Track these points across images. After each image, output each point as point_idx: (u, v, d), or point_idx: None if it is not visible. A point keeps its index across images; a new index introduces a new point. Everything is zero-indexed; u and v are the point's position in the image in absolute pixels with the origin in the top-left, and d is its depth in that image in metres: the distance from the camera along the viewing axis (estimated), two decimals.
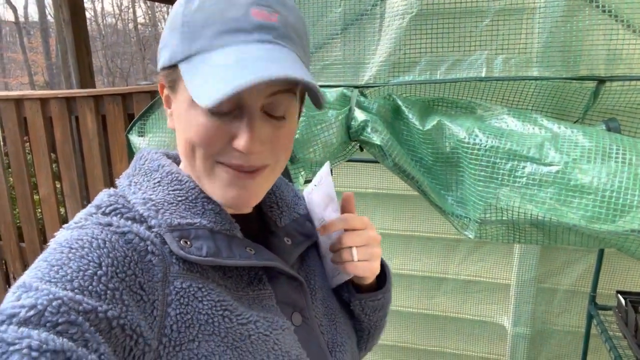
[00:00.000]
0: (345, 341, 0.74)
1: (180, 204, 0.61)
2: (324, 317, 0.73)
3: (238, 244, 0.62)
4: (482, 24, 1.03)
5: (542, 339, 2.20)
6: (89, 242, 0.52)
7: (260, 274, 0.65)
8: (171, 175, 0.63)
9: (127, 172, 0.67)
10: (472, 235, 1.06)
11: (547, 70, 1.01)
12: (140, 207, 0.59)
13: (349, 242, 0.72)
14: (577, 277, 2.03)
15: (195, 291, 0.57)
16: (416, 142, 1.09)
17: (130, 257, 0.54)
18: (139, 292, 0.53)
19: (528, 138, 0.98)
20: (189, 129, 0.58)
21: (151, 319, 0.52)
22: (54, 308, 0.44)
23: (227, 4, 0.54)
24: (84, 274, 0.49)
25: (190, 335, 0.54)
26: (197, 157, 0.59)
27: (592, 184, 0.89)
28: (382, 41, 1.07)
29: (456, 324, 2.29)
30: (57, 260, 0.50)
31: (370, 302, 0.80)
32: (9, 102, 2.84)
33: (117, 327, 0.48)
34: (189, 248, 0.57)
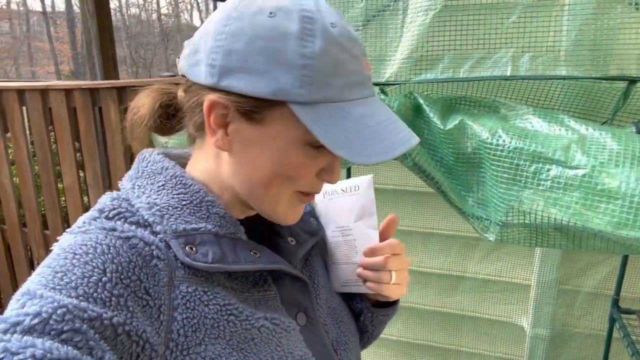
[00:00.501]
0: (349, 340, 0.75)
1: (185, 208, 0.60)
2: (328, 317, 0.73)
3: (243, 247, 0.62)
4: (509, 21, 1.00)
5: (562, 341, 2.16)
6: (93, 247, 0.52)
7: (265, 275, 0.65)
8: (175, 179, 0.63)
9: (130, 175, 0.66)
10: (493, 238, 1.04)
11: (576, 69, 0.98)
12: (145, 212, 0.59)
13: (392, 266, 0.74)
14: (600, 280, 1.99)
15: (201, 295, 0.57)
16: (437, 141, 1.07)
17: (135, 263, 0.54)
18: (144, 297, 0.53)
19: (554, 139, 0.95)
20: (286, 164, 0.58)
21: (158, 323, 0.53)
22: (58, 316, 0.44)
23: (347, 55, 0.56)
24: (89, 281, 0.49)
25: (197, 339, 0.55)
26: (277, 186, 0.60)
27: (620, 189, 0.86)
28: (404, 37, 1.05)
29: (473, 323, 2.27)
30: (61, 266, 0.50)
31: (381, 316, 0.84)
32: (35, 92, 2.89)
33: (122, 334, 0.48)
34: (194, 254, 0.57)
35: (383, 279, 0.74)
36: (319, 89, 0.54)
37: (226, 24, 0.56)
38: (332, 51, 0.54)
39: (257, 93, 0.54)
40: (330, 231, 0.82)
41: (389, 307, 0.85)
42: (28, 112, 2.99)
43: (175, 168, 0.64)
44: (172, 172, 0.63)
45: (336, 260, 0.82)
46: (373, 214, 0.76)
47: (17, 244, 3.26)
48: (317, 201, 0.83)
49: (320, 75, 0.54)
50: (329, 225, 0.82)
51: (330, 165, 0.62)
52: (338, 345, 0.72)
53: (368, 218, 0.77)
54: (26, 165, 3.08)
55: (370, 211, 0.77)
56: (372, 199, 0.76)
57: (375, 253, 0.75)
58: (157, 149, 0.69)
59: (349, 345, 0.74)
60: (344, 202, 0.79)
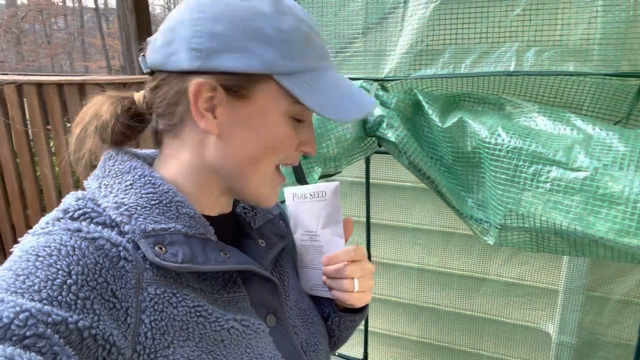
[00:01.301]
0: (318, 341, 0.74)
1: (154, 207, 0.59)
2: (297, 318, 0.73)
3: (213, 248, 0.61)
4: (513, 13, 0.94)
5: (590, 349, 2.05)
6: (57, 249, 0.50)
7: (235, 276, 0.65)
8: (144, 178, 0.61)
9: (96, 174, 0.64)
10: (492, 241, 1.00)
11: (585, 65, 0.92)
12: (112, 212, 0.57)
13: (352, 273, 0.74)
14: (631, 287, 1.88)
15: (169, 297, 0.56)
16: (436, 139, 1.03)
17: (101, 264, 0.52)
18: (111, 299, 0.51)
19: (556, 139, 0.90)
20: (275, 137, 0.62)
21: (125, 326, 0.51)
22: (20, 321, 0.42)
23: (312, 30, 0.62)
24: (53, 284, 0.47)
25: (165, 342, 0.54)
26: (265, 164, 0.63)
27: (623, 194, 0.80)
28: (404, 32, 1.02)
29: (496, 327, 2.19)
30: (23, 269, 0.48)
31: (348, 321, 0.84)
32: (73, 86, 3.02)
33: (88, 338, 0.47)
34: (164, 254, 0.56)
35: (345, 287, 0.74)
36: (299, 60, 0.59)
37: (203, 10, 0.58)
38: (301, 27, 0.59)
39: (245, 69, 0.58)
40: (300, 234, 0.82)
41: (357, 313, 0.84)
42: (67, 105, 3.12)
43: (143, 167, 0.63)
44: (140, 171, 0.62)
45: (304, 264, 0.82)
46: (339, 222, 0.76)
47: None
48: (287, 203, 0.83)
49: (298, 48, 0.59)
50: (298, 229, 0.82)
51: (308, 137, 0.66)
52: (307, 347, 0.72)
53: (334, 226, 0.77)
54: (65, 156, 3.23)
55: (336, 219, 0.76)
56: (338, 206, 0.76)
57: (332, 261, 0.75)
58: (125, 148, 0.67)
59: (319, 347, 0.74)
60: (312, 207, 0.79)
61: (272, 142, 0.62)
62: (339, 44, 1.10)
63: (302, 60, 0.60)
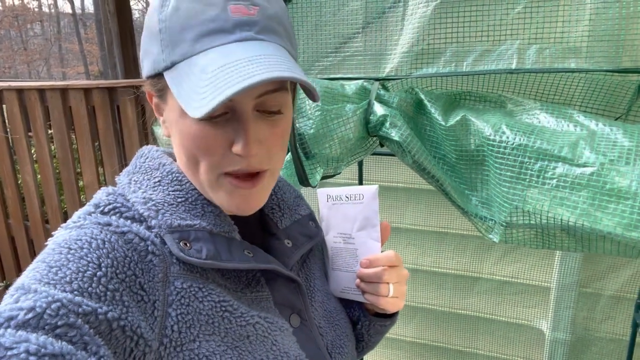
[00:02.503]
0: (344, 343, 0.73)
1: (180, 205, 0.60)
2: (323, 319, 0.72)
3: (237, 247, 0.61)
4: (514, 11, 0.95)
5: (583, 346, 2.08)
6: (88, 242, 0.52)
7: (258, 276, 0.65)
8: (171, 175, 0.62)
9: (127, 170, 0.66)
10: (497, 239, 0.99)
11: (586, 61, 0.92)
12: (140, 207, 0.59)
13: (389, 278, 0.73)
14: (623, 283, 1.90)
15: (196, 291, 0.56)
16: (439, 138, 1.03)
17: (130, 257, 0.53)
18: (139, 292, 0.52)
19: (561, 136, 0.90)
20: (185, 138, 0.57)
21: (152, 319, 0.52)
22: (52, 310, 0.44)
23: (203, 3, 0.53)
24: (83, 275, 0.48)
25: (191, 336, 0.54)
26: (202, 169, 0.58)
27: (631, 188, 0.81)
28: (405, 30, 1.01)
29: (490, 326, 2.21)
30: (55, 261, 0.49)
31: (378, 325, 0.82)
32: (55, 91, 2.95)
33: (117, 329, 0.48)
34: (188, 250, 0.57)
35: (380, 291, 0.73)
36: (174, 49, 0.53)
37: None
38: (182, 6, 0.53)
39: (147, 73, 0.58)
40: (332, 236, 0.81)
41: (387, 318, 0.83)
42: (49, 111, 3.05)
43: (172, 165, 0.64)
44: (169, 168, 0.63)
45: (336, 266, 0.81)
46: (376, 226, 0.75)
47: (40, 239, 3.35)
48: (321, 205, 0.82)
49: (173, 34, 0.53)
50: (331, 230, 0.81)
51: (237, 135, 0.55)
52: (333, 349, 0.71)
53: (371, 229, 0.76)
54: (47, 163, 3.15)
55: (373, 222, 0.75)
56: (375, 210, 0.75)
57: (372, 264, 0.74)
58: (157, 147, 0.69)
59: (344, 349, 0.73)
60: (348, 210, 0.78)
61: (186, 142, 0.57)
62: (338, 43, 1.09)
63: (178, 47, 0.53)
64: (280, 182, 0.78)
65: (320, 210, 0.83)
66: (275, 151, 0.60)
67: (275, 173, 0.64)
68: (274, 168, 0.62)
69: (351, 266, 0.79)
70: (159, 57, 0.55)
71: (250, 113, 0.56)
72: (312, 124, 1.01)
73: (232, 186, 0.59)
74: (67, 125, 3.03)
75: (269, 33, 0.55)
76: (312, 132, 0.99)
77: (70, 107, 2.99)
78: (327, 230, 0.82)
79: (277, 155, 0.61)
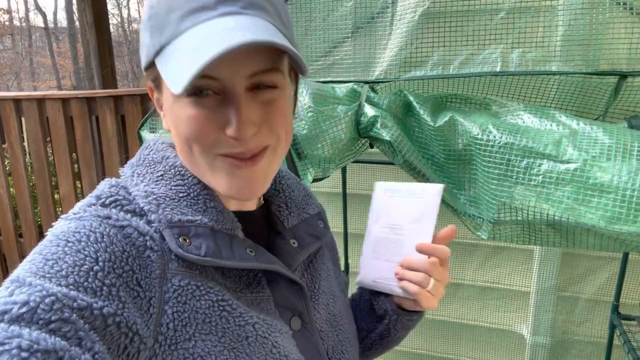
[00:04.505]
0: (346, 349, 0.71)
1: (182, 200, 0.59)
2: (326, 323, 0.70)
3: (239, 244, 0.60)
4: (497, 17, 0.99)
5: (563, 349, 2.12)
6: (87, 235, 0.51)
7: (260, 276, 0.63)
8: (174, 169, 0.61)
9: (132, 162, 0.65)
10: (486, 235, 1.02)
11: (566, 65, 0.97)
12: (141, 200, 0.58)
13: (434, 272, 0.72)
14: (599, 286, 1.96)
15: (193, 289, 0.55)
16: (428, 139, 1.06)
17: (128, 252, 0.52)
18: (135, 288, 0.51)
19: (545, 135, 0.94)
20: (179, 123, 0.56)
21: (147, 316, 0.51)
22: (46, 305, 0.43)
23: None
24: (80, 270, 0.48)
25: (186, 334, 0.53)
26: (195, 152, 0.57)
27: (612, 183, 0.85)
28: (393, 35, 1.05)
29: (472, 332, 2.23)
30: (52, 254, 0.48)
31: (406, 319, 0.80)
32: (32, 101, 2.90)
33: (112, 325, 0.47)
34: (187, 246, 0.55)
35: (422, 281, 0.72)
36: (161, 33, 0.53)
37: None
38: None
39: (143, 65, 0.58)
40: (379, 226, 0.81)
41: (414, 313, 0.81)
42: (25, 121, 2.99)
43: (175, 158, 0.62)
44: (172, 161, 0.62)
45: (377, 254, 0.81)
46: (432, 221, 0.76)
47: (13, 254, 3.24)
48: (376, 196, 0.83)
49: (159, 19, 0.53)
50: (379, 220, 0.82)
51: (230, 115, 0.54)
52: (333, 354, 0.69)
53: (426, 223, 0.76)
54: (22, 175, 3.08)
55: (429, 217, 0.76)
56: (436, 207, 0.76)
57: (425, 251, 0.74)
58: (163, 139, 0.68)
59: (345, 355, 0.70)
60: (404, 202, 0.79)
61: (180, 128, 0.56)
62: (328, 47, 1.11)
63: (165, 30, 0.53)
64: (290, 179, 0.76)
65: (373, 200, 0.84)
66: (276, 127, 0.57)
67: (278, 150, 0.60)
68: (275, 143, 0.59)
69: (393, 256, 0.78)
70: (150, 45, 0.55)
71: (242, 94, 0.54)
72: (304, 124, 1.02)
73: (230, 166, 0.56)
74: (43, 136, 2.97)
75: (255, 9, 0.53)
76: (305, 132, 1.00)
77: (47, 117, 2.94)
78: (375, 220, 0.83)
79: (279, 131, 0.58)
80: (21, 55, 20.57)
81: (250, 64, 0.53)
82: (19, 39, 20.81)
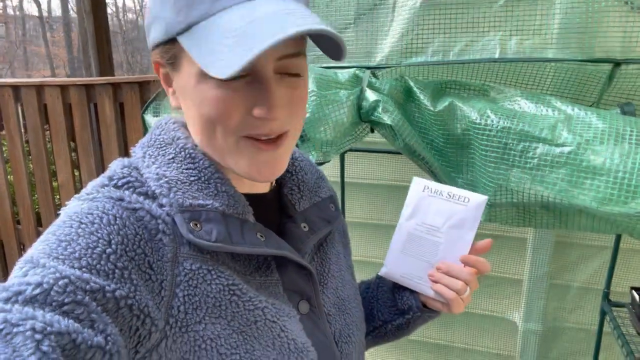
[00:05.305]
0: (353, 332, 0.72)
1: (193, 183, 0.59)
2: (333, 307, 0.71)
3: (249, 229, 0.60)
4: (496, 5, 1.02)
5: (554, 335, 2.17)
6: (99, 217, 0.51)
7: (269, 260, 0.63)
8: (185, 152, 0.60)
9: (143, 142, 0.64)
10: (482, 218, 1.05)
11: (562, 52, 1.00)
12: (153, 183, 0.57)
13: (472, 281, 0.75)
14: (591, 274, 2.00)
15: (204, 273, 0.55)
16: (427, 123, 1.08)
17: (140, 235, 0.52)
18: (147, 271, 0.52)
19: (541, 119, 0.97)
20: (203, 104, 0.55)
21: (159, 298, 0.52)
22: (60, 287, 0.43)
23: None
24: (93, 252, 0.48)
25: (197, 317, 0.54)
26: (219, 134, 0.56)
27: (605, 165, 0.88)
28: (394, 22, 1.07)
29: (466, 318, 2.27)
30: (65, 235, 0.49)
31: (427, 316, 0.83)
32: (30, 88, 2.90)
33: (124, 307, 0.47)
34: (198, 231, 0.55)
35: (459, 289, 0.74)
36: (190, 9, 0.52)
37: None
38: None
39: (158, 39, 0.56)
40: (415, 223, 0.82)
41: (436, 312, 0.83)
42: (23, 108, 2.99)
43: (187, 139, 0.62)
44: (182, 143, 0.61)
45: (407, 251, 0.82)
46: (473, 231, 0.77)
47: (11, 240, 3.25)
48: (413, 192, 0.83)
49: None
50: (415, 218, 0.82)
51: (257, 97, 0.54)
52: (340, 337, 0.69)
53: (466, 231, 0.78)
54: (21, 162, 3.08)
55: (470, 226, 0.78)
56: (478, 217, 0.78)
57: (471, 263, 0.76)
58: (175, 118, 0.66)
59: (352, 338, 0.71)
60: (445, 206, 0.79)
61: (204, 109, 0.55)
62: None
63: (196, 7, 0.51)
64: (303, 161, 0.76)
65: (410, 195, 0.84)
66: (297, 113, 0.59)
67: (296, 135, 0.61)
68: (294, 129, 0.60)
69: (426, 256, 0.79)
70: (173, 20, 0.53)
71: (272, 76, 0.54)
72: (307, 108, 1.05)
73: (254, 149, 0.57)
74: (41, 123, 2.97)
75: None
76: (308, 116, 1.03)
77: (45, 104, 2.94)
78: (410, 216, 0.82)
79: (298, 117, 0.60)
80: (15, 44, 20.37)
81: (280, 47, 0.51)
82: (13, 28, 20.60)
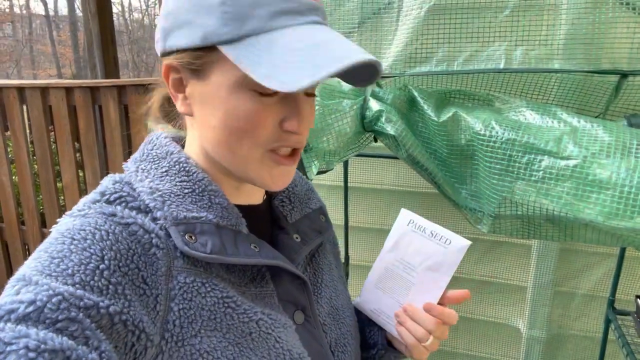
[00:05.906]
0: (348, 342, 0.72)
1: (187, 196, 0.59)
2: (328, 317, 0.71)
3: (243, 240, 0.60)
4: (502, 15, 1.01)
5: (558, 343, 2.15)
6: (92, 233, 0.51)
7: (264, 271, 0.64)
8: (179, 165, 0.61)
9: (135, 157, 0.65)
10: (486, 229, 1.04)
11: (569, 63, 0.99)
12: (147, 197, 0.58)
13: (435, 331, 0.72)
14: (596, 281, 1.99)
15: (199, 286, 0.56)
16: (431, 133, 1.07)
17: (133, 250, 0.52)
18: (141, 286, 0.51)
19: (546, 131, 0.96)
20: (234, 115, 0.55)
21: (154, 313, 0.51)
22: (53, 304, 0.43)
23: None
24: (86, 268, 0.48)
25: (192, 331, 0.54)
26: (245, 145, 0.57)
27: (611, 179, 0.87)
28: (399, 31, 1.06)
29: (470, 325, 2.26)
30: (58, 252, 0.48)
31: (392, 356, 0.82)
32: (35, 90, 2.90)
33: (119, 323, 0.47)
34: (193, 243, 0.56)
35: (420, 336, 0.72)
36: (242, 23, 0.52)
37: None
38: None
39: (189, 44, 0.55)
40: (393, 258, 0.80)
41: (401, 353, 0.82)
42: (28, 110, 3.00)
43: (180, 153, 0.63)
44: (176, 157, 0.62)
45: (380, 285, 0.80)
46: (448, 276, 0.74)
47: (15, 241, 3.27)
48: (399, 224, 0.81)
49: (240, 8, 0.52)
50: (395, 251, 0.80)
51: (289, 112, 0.57)
52: (336, 347, 0.70)
53: (441, 275, 0.74)
54: (25, 163, 3.09)
55: (446, 271, 0.74)
56: (456, 263, 0.74)
57: (433, 313, 0.73)
58: (167, 131, 0.67)
59: (347, 348, 0.72)
60: (425, 245, 0.77)
61: (234, 121, 0.55)
62: None
63: (248, 22, 0.52)
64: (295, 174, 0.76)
65: (395, 227, 0.82)
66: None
67: None
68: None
69: (397, 294, 0.77)
70: (218, 30, 0.52)
71: (302, 95, 0.58)
72: None
73: (274, 163, 0.59)
74: (46, 125, 2.98)
75: (326, 20, 0.58)
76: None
77: (50, 106, 2.95)
78: (390, 248, 0.81)
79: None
80: (21, 43, 20.49)
81: None
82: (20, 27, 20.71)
